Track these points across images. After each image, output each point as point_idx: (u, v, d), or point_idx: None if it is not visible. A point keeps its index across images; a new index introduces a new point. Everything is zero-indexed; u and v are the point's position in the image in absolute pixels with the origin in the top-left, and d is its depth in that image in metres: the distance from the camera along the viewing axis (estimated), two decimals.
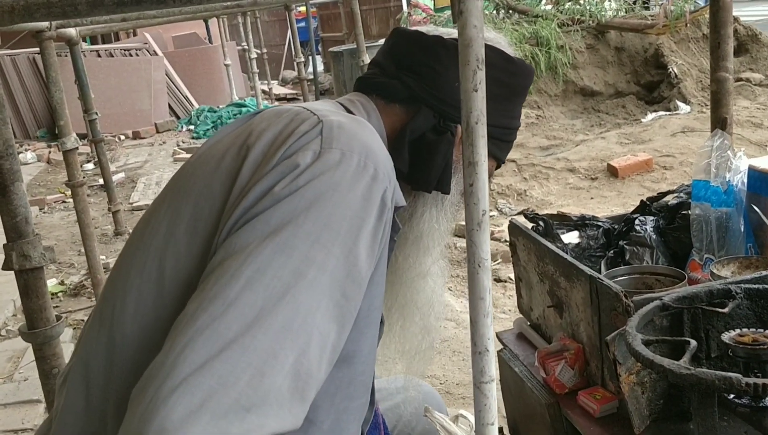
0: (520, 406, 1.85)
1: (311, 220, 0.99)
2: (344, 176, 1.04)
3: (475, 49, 1.01)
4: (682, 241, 1.91)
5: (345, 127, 1.11)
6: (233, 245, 0.99)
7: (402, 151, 1.26)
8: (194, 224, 1.09)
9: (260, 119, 1.19)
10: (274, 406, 0.91)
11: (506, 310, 3.89)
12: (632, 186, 6.12)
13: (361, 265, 1.03)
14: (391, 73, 1.32)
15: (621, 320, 1.42)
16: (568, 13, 9.08)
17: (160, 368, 0.90)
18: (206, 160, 1.16)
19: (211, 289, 0.95)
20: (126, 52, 12.31)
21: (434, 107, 1.29)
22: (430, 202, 1.32)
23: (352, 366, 1.13)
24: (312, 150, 1.06)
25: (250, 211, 1.02)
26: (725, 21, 2.28)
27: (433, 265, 1.36)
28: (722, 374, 1.10)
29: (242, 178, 1.08)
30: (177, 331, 0.93)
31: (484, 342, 1.11)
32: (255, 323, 0.92)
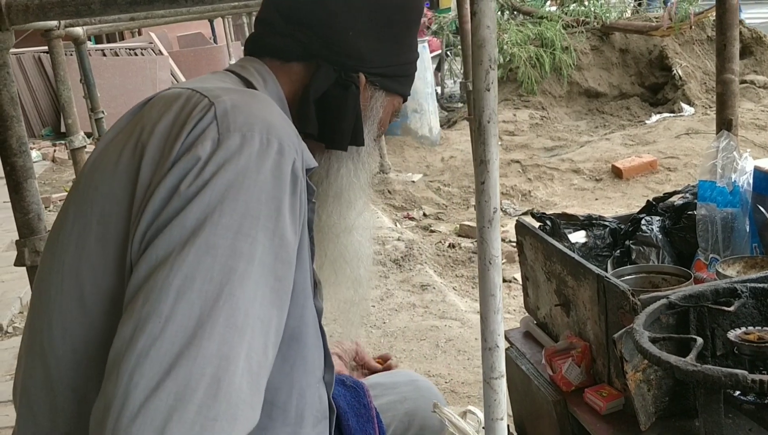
0: (527, 403, 1.87)
1: (227, 212, 0.96)
2: (250, 159, 0.99)
3: (488, 50, 1.03)
4: (687, 241, 1.93)
5: (239, 105, 1.06)
6: (154, 257, 0.94)
7: (308, 112, 1.22)
8: (103, 233, 1.04)
9: (150, 109, 1.12)
10: (240, 407, 0.90)
11: (511, 309, 3.91)
12: (636, 187, 6.13)
13: (287, 244, 1.00)
14: (282, 31, 1.25)
15: (628, 318, 1.43)
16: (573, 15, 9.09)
17: (112, 400, 0.87)
18: (103, 163, 1.09)
19: (143, 307, 0.91)
20: (131, 52, 12.33)
21: (333, 61, 1.23)
22: (345, 156, 1.29)
23: (302, 340, 1.12)
24: (210, 138, 1.01)
25: (160, 215, 0.97)
26: (731, 23, 2.29)
27: (357, 217, 1.33)
28: (728, 371, 1.12)
29: (143, 179, 1.02)
30: (120, 359, 0.89)
31: (495, 338, 1.13)
32: (197, 332, 0.90)
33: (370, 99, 1.29)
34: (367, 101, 1.29)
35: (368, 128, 1.29)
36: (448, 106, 10.01)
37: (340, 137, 1.25)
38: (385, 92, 1.31)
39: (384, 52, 1.28)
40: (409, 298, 4.15)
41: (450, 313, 3.92)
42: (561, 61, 8.52)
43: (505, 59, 8.83)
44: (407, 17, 1.32)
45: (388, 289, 4.27)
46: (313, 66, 1.24)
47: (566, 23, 8.86)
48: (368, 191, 1.34)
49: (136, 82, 11.65)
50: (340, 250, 1.34)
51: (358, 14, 1.24)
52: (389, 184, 6.41)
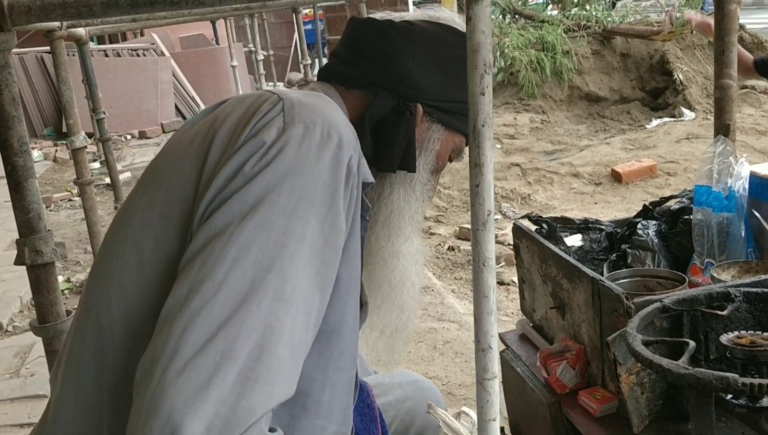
0: (521, 405, 1.88)
1: (285, 193, 1.03)
2: (310, 148, 1.08)
3: (483, 54, 1.05)
4: (683, 246, 1.94)
5: (305, 102, 1.15)
6: (214, 226, 1.02)
7: (365, 135, 1.28)
8: (168, 207, 1.12)
9: (225, 105, 1.23)
10: (280, 374, 0.95)
11: (509, 312, 3.92)
12: (636, 191, 6.14)
13: (337, 231, 1.07)
14: (348, 61, 1.36)
15: (622, 321, 1.45)
16: (574, 19, 9.11)
17: (162, 352, 0.93)
18: (176, 148, 1.20)
19: (200, 270, 0.98)
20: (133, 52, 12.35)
21: (391, 89, 1.32)
22: (398, 182, 1.34)
23: (341, 337, 1.17)
24: (276, 126, 1.10)
25: (223, 191, 1.05)
26: (730, 29, 2.30)
27: (404, 244, 1.38)
28: (720, 374, 1.13)
29: (211, 160, 1.11)
30: (173, 315, 0.96)
31: (488, 339, 1.14)
32: (247, 298, 0.96)
33: (427, 130, 1.36)
34: (423, 132, 1.36)
35: (423, 158, 1.36)
36: None
37: (389, 159, 1.31)
38: (444, 127, 1.36)
39: (443, 86, 1.34)
40: None
41: (448, 315, 3.93)
42: (562, 65, 8.53)
43: (506, 63, 8.83)
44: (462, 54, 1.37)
45: None
46: (372, 93, 1.33)
47: (567, 27, 8.87)
48: (418, 219, 1.39)
49: (138, 82, 11.68)
50: (386, 274, 1.38)
51: (421, 48, 1.32)
52: None
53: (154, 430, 0.89)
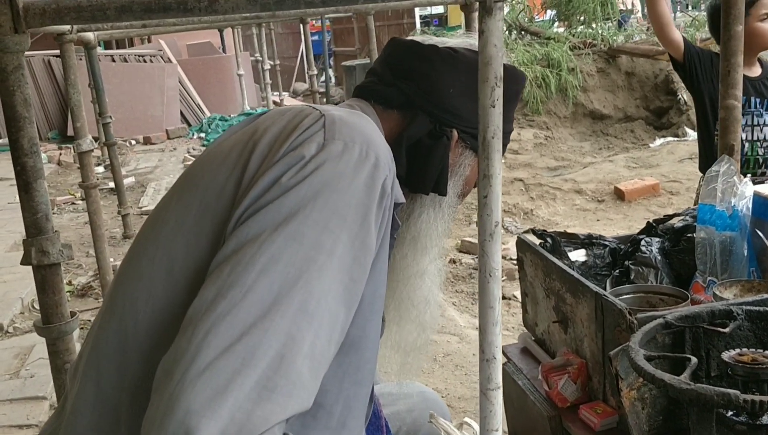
0: (522, 418, 1.88)
1: (319, 208, 1.04)
2: (348, 165, 1.09)
3: (494, 67, 1.06)
4: (686, 264, 1.95)
5: (346, 119, 1.16)
6: (245, 234, 1.03)
7: (400, 155, 1.29)
8: (202, 214, 1.13)
9: (265, 118, 1.24)
10: (297, 386, 0.96)
11: (510, 327, 3.92)
12: (638, 210, 6.15)
13: (367, 249, 1.08)
14: (387, 81, 1.36)
15: (624, 336, 1.45)
16: (580, 37, 9.16)
17: (184, 353, 0.94)
18: (213, 156, 1.21)
19: (228, 276, 0.99)
20: (140, 58, 12.40)
21: (430, 113, 1.33)
22: (428, 203, 1.36)
23: (360, 351, 1.17)
24: (316, 141, 1.11)
25: (259, 200, 1.06)
26: (735, 49, 2.32)
27: (430, 264, 1.40)
28: (721, 390, 1.13)
29: (250, 170, 1.12)
30: (198, 317, 0.97)
31: (492, 350, 1.15)
32: (272, 308, 0.97)
33: (460, 156, 1.37)
34: (456, 157, 1.37)
35: (453, 182, 1.37)
36: None
37: (423, 182, 1.33)
38: (475, 154, 1.37)
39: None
40: None
41: (449, 327, 3.93)
42: (567, 82, 8.58)
43: None
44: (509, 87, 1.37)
45: None
46: (410, 115, 1.34)
47: (573, 45, 8.92)
48: (443, 241, 1.40)
49: (144, 88, 11.71)
50: (409, 292, 1.40)
51: (462, 76, 1.33)
52: None
53: (169, 428, 0.89)
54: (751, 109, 3.16)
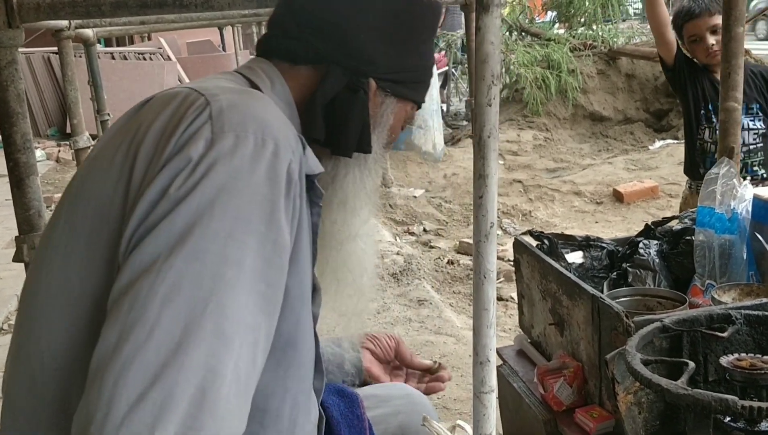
0: (517, 421, 1.86)
1: (218, 217, 0.93)
2: (243, 160, 0.97)
3: (492, 65, 1.04)
4: (684, 266, 1.93)
5: (235, 104, 1.04)
6: (140, 261, 0.92)
7: (315, 117, 1.19)
8: (94, 236, 1.01)
9: (148, 109, 1.11)
10: (226, 419, 0.88)
11: (507, 328, 3.90)
12: (637, 212, 6.14)
13: (280, 249, 0.98)
14: (293, 34, 1.22)
15: (621, 340, 1.43)
16: (581, 38, 9.14)
17: (96, 409, 0.85)
18: (98, 163, 1.08)
19: (129, 314, 0.89)
20: (140, 56, 12.38)
21: (343, 65, 1.21)
22: (353, 163, 1.25)
23: (298, 346, 1.10)
24: (203, 138, 0.98)
25: (148, 218, 0.95)
26: (736, 51, 2.31)
27: (362, 226, 1.30)
28: (719, 396, 1.12)
29: (135, 179, 1.00)
30: (104, 366, 0.87)
31: (486, 352, 1.13)
32: (184, 341, 0.87)
33: (381, 105, 1.27)
34: (377, 108, 1.26)
35: (377, 135, 1.27)
36: (452, 124, 10.04)
37: (345, 143, 1.22)
38: (397, 99, 1.28)
39: (396, 56, 1.25)
40: (405, 312, 4.14)
41: (445, 329, 3.91)
42: (567, 83, 8.56)
43: (511, 79, 8.87)
44: (422, 22, 1.30)
45: (385, 303, 4.27)
46: (322, 70, 1.21)
47: (573, 46, 8.91)
48: (374, 199, 1.32)
49: (144, 86, 11.68)
50: (343, 258, 1.31)
51: (371, 17, 1.22)
52: (391, 198, 6.42)
53: None
54: None
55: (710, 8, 3.06)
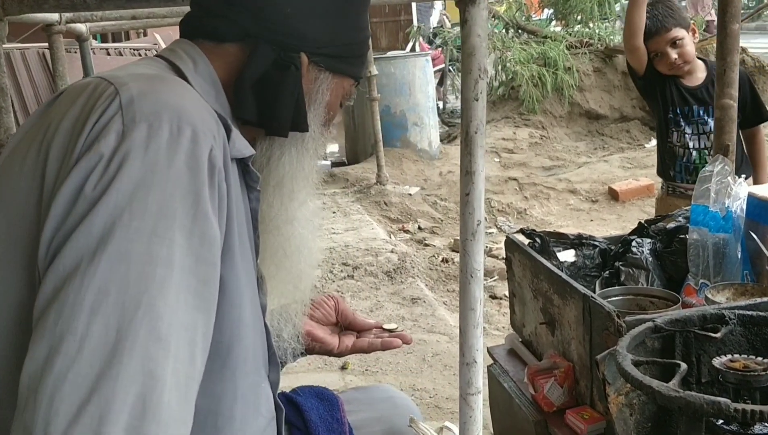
0: (507, 422, 1.84)
1: (138, 214, 0.88)
2: (159, 151, 0.91)
3: (478, 59, 1.02)
4: (678, 265, 1.90)
5: (146, 92, 0.97)
6: (62, 268, 0.86)
7: (245, 96, 1.14)
8: (11, 241, 0.96)
9: (59, 103, 1.04)
10: (171, 425, 0.84)
11: (500, 327, 3.88)
12: (632, 210, 6.12)
13: (209, 242, 0.93)
14: (215, 11, 1.16)
15: (612, 340, 1.41)
16: (577, 36, 9.11)
17: (32, 429, 0.80)
18: (8, 167, 1.01)
19: (56, 325, 0.84)
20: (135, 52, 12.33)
21: (270, 41, 1.15)
22: (288, 143, 1.20)
23: (242, 341, 1.07)
24: (114, 131, 0.92)
25: (66, 221, 0.89)
26: (731, 48, 2.28)
27: (299, 209, 1.25)
28: (711, 398, 1.09)
29: (48, 182, 0.95)
30: (36, 384, 0.82)
31: (473, 353, 1.11)
32: (117, 349, 0.83)
33: (315, 81, 1.21)
34: (311, 83, 1.20)
35: (313, 113, 1.21)
36: (449, 122, 10.01)
37: (279, 123, 1.16)
38: (332, 74, 1.22)
39: (327, 29, 1.19)
40: (398, 310, 4.12)
41: (439, 327, 3.89)
42: (563, 81, 8.53)
43: (507, 77, 8.84)
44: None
45: (378, 301, 4.25)
46: (249, 47, 1.16)
47: (570, 44, 8.87)
48: (313, 180, 1.26)
49: None
50: (281, 242, 1.25)
51: None
52: (386, 195, 6.39)
53: None
54: (695, 117, 3.19)
55: (665, 24, 3.07)
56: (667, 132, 3.24)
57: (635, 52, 3.12)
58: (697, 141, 3.18)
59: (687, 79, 3.19)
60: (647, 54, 3.12)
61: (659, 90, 3.21)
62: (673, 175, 3.23)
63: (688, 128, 3.17)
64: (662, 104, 3.21)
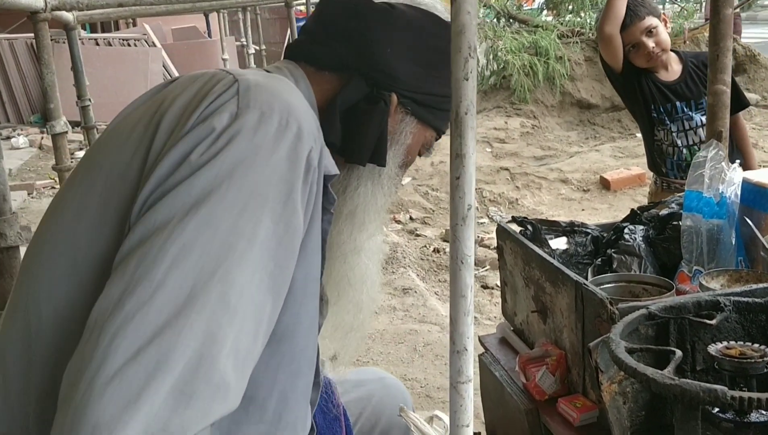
0: (499, 411, 1.81)
1: (235, 187, 0.93)
2: (266, 137, 0.98)
3: (468, 37, 0.98)
4: (671, 252, 1.88)
5: (263, 85, 1.05)
6: (153, 221, 0.92)
7: (334, 122, 1.19)
8: (106, 200, 1.02)
9: (175, 85, 1.12)
10: (220, 388, 0.87)
11: (492, 316, 3.87)
12: (624, 199, 6.11)
13: (293, 231, 0.98)
14: (320, 40, 1.25)
15: (605, 327, 1.38)
16: (568, 25, 9.10)
17: (90, 360, 0.84)
18: (118, 132, 1.09)
19: (135, 270, 0.88)
20: (124, 42, 12.25)
21: (366, 75, 1.22)
22: (366, 175, 1.25)
23: (294, 340, 1.09)
24: (228, 111, 0.99)
25: (166, 181, 0.95)
26: (725, 34, 2.26)
27: (367, 241, 1.30)
28: (707, 386, 1.07)
29: (156, 147, 1.01)
30: (103, 319, 0.87)
31: (464, 341, 1.07)
32: (187, 304, 0.87)
33: (400, 122, 1.26)
34: (396, 124, 1.26)
35: (393, 152, 1.27)
36: None
37: (360, 151, 1.22)
38: (417, 120, 1.28)
39: (420, 77, 1.25)
40: (390, 300, 4.10)
41: (430, 317, 3.88)
42: (554, 70, 8.51)
43: (498, 66, 8.81)
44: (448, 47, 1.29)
45: None
46: (345, 77, 1.23)
47: (561, 33, 8.86)
48: (383, 216, 1.31)
49: (128, 72, 11.56)
50: (346, 270, 1.30)
51: (399, 34, 1.23)
52: None
53: None
54: (679, 114, 3.13)
55: (638, 13, 3.02)
56: (653, 130, 3.19)
57: (611, 42, 3.04)
58: (684, 138, 3.13)
59: (663, 74, 3.13)
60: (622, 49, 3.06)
61: (638, 87, 3.15)
62: (666, 171, 3.19)
63: (674, 126, 3.12)
64: (643, 102, 3.16)
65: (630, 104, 3.32)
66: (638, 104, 3.19)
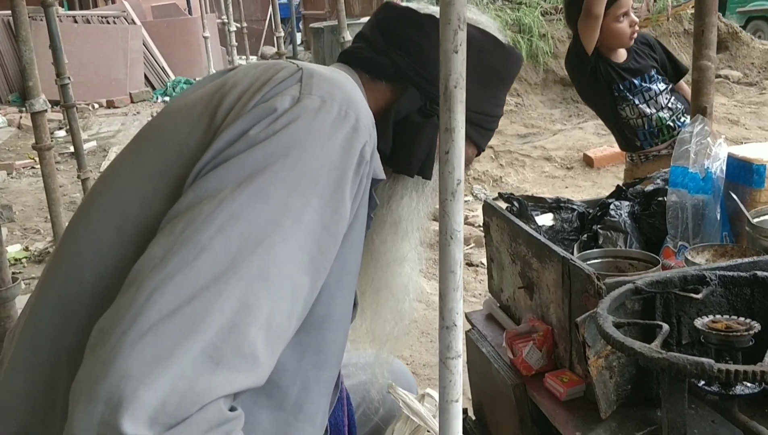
0: (485, 387, 1.82)
1: (288, 166, 0.95)
2: (324, 123, 1.00)
3: (458, 8, 0.97)
4: (656, 228, 1.88)
5: (327, 76, 1.07)
6: (205, 188, 0.94)
7: (386, 131, 1.20)
8: (161, 171, 1.04)
9: (237, 71, 1.14)
10: (248, 360, 0.87)
11: (477, 293, 3.88)
12: (607, 177, 6.14)
13: (339, 218, 0.99)
14: (378, 49, 1.26)
15: (592, 302, 1.39)
16: (552, 2, 9.06)
17: (125, 312, 0.85)
18: (178, 110, 1.11)
19: (182, 232, 0.90)
20: (103, 20, 12.09)
21: (421, 88, 1.23)
22: (411, 186, 1.27)
23: (322, 331, 1.09)
24: (290, 95, 1.02)
25: (222, 153, 0.97)
26: (710, 9, 2.26)
27: (410, 251, 1.32)
28: (694, 359, 1.07)
29: (215, 124, 1.03)
30: (143, 275, 0.88)
31: (453, 317, 1.07)
32: (228, 271, 0.88)
33: None
34: None
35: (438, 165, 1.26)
36: None
37: (409, 163, 1.23)
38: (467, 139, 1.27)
39: (474, 96, 1.23)
40: None
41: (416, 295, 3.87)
42: (538, 48, 8.50)
43: None
44: (504, 70, 1.31)
45: None
46: (400, 89, 1.24)
47: (545, 10, 8.83)
48: (425, 227, 1.33)
49: (107, 50, 11.43)
50: (387, 279, 1.32)
51: None
52: None
53: (101, 394, 0.80)
54: (638, 88, 3.29)
55: None
56: (616, 110, 3.30)
57: (596, 21, 3.15)
58: (648, 107, 3.26)
59: (614, 56, 3.28)
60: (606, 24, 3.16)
61: (600, 70, 3.27)
62: (640, 144, 3.31)
63: (636, 99, 3.26)
64: (605, 82, 3.27)
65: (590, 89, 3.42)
66: (600, 84, 3.29)
